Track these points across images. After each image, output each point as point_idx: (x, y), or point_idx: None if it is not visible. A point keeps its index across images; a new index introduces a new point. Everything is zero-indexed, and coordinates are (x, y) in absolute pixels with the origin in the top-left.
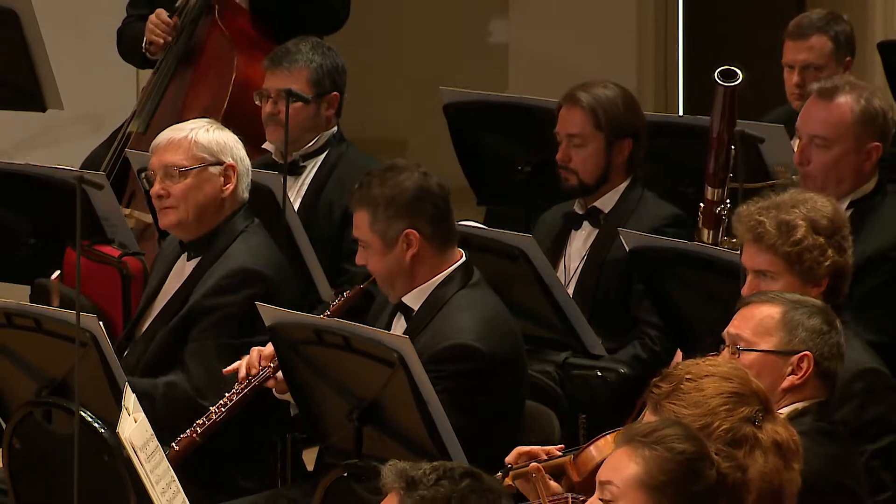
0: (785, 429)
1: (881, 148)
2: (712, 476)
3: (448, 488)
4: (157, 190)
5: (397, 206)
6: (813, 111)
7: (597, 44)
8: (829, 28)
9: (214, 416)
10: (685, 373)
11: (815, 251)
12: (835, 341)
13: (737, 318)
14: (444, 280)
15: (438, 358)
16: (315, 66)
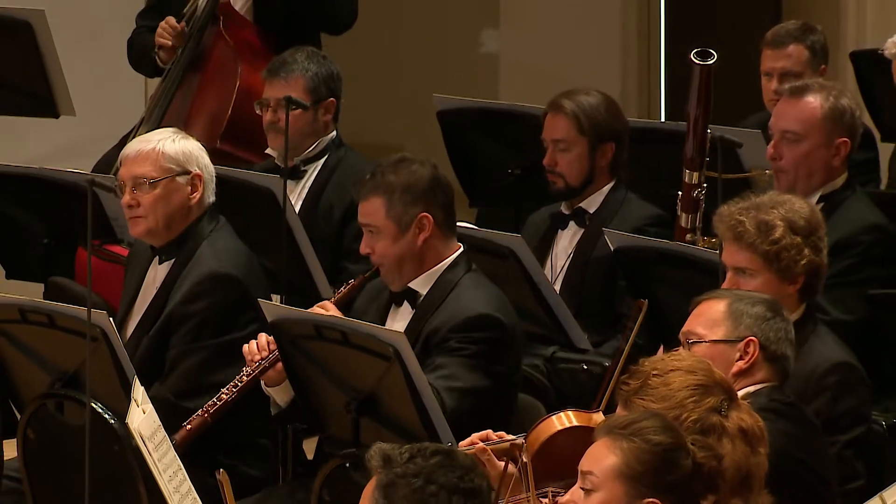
0: (750, 415)
1: (849, 144)
2: (688, 465)
3: (420, 465)
4: (128, 200)
5: (414, 192)
6: (784, 108)
7: (583, 54)
8: (805, 37)
9: (226, 398)
10: (651, 369)
11: (792, 250)
12: (780, 326)
13: (689, 318)
14: (451, 265)
15: (465, 326)
16: (311, 74)
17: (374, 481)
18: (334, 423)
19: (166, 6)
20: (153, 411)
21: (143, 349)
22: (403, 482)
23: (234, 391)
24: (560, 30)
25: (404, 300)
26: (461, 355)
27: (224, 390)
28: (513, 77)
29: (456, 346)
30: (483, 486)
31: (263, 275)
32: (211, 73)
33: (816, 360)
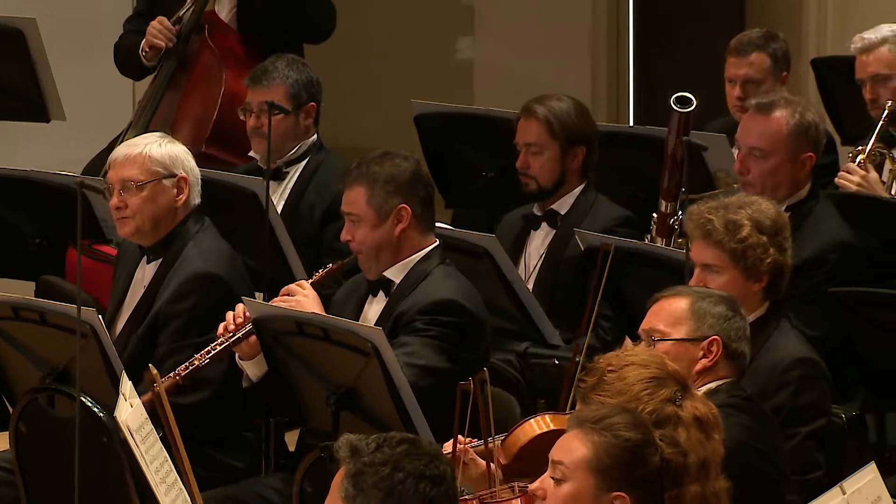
0: (703, 404)
1: (814, 158)
2: (655, 461)
3: (386, 453)
4: (116, 202)
5: (395, 183)
6: (751, 125)
7: (554, 61)
8: (767, 45)
9: (198, 363)
10: (606, 365)
11: (758, 249)
12: (739, 325)
13: (649, 315)
14: (425, 257)
15: (432, 309)
16: (292, 80)
17: (343, 471)
18: (315, 417)
19: (154, 12)
20: (140, 405)
21: (132, 346)
22: (371, 470)
23: (206, 357)
24: (532, 38)
25: (379, 290)
26: (425, 335)
27: (197, 355)
28: (487, 83)
29: (421, 327)
30: (448, 472)
31: (247, 273)
32: (196, 79)
33: (779, 356)
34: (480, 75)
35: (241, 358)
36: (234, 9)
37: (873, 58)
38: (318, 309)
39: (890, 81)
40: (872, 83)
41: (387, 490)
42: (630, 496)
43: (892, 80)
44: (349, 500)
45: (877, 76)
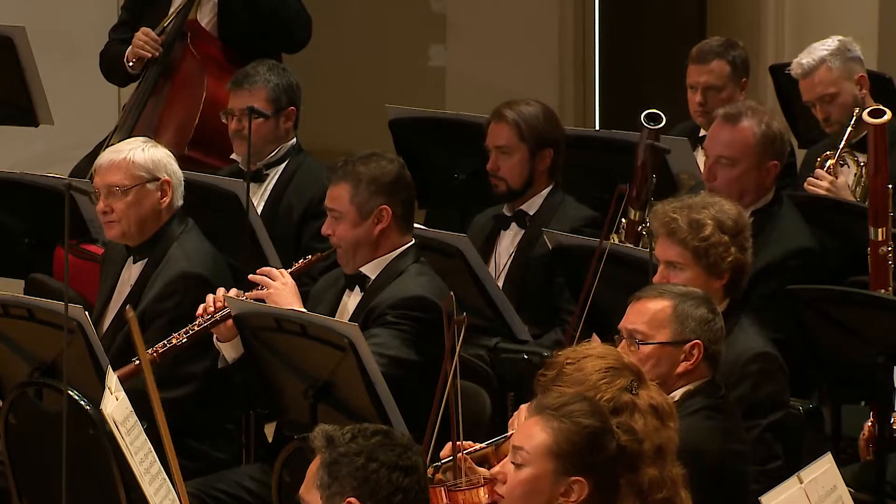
0: (659, 394)
1: (779, 166)
2: (613, 448)
3: (361, 444)
4: (102, 207)
5: (379, 184)
6: (719, 134)
7: (523, 67)
8: (727, 53)
9: (176, 342)
10: (565, 358)
11: (720, 247)
12: (718, 326)
13: (631, 314)
14: (401, 254)
15: (403, 304)
16: (272, 85)
17: (319, 460)
18: (294, 409)
19: (138, 22)
20: (125, 398)
21: (119, 343)
22: (347, 461)
23: (184, 337)
24: (502, 45)
25: (356, 284)
26: (395, 329)
27: (175, 335)
28: (458, 88)
29: (392, 321)
30: (419, 462)
31: (229, 272)
32: (179, 84)
33: (740, 350)
34: (452, 81)
35: (219, 339)
36: (215, 17)
37: (816, 80)
38: (295, 297)
39: (837, 98)
40: (821, 104)
41: (361, 479)
42: (587, 480)
43: (839, 97)
44: (324, 489)
45: (823, 97)
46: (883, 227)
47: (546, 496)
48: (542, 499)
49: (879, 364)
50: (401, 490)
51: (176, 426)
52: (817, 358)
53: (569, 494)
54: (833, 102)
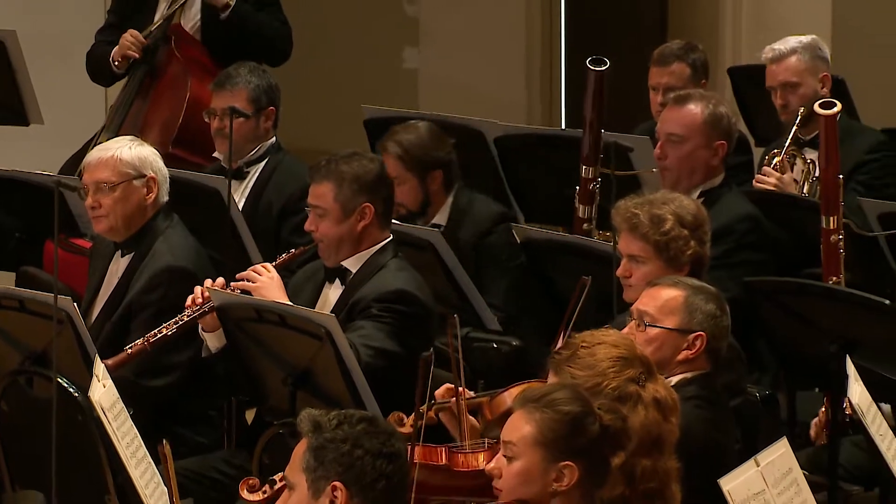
0: (665, 389)
1: (726, 146)
2: (595, 429)
3: (347, 431)
4: (90, 203)
5: (361, 183)
6: (669, 114)
7: (492, 69)
8: (687, 56)
9: (166, 332)
10: (581, 341)
11: (680, 241)
12: (725, 324)
13: (644, 297)
14: (381, 250)
15: (386, 297)
16: (253, 86)
17: (305, 444)
18: (273, 396)
19: (125, 25)
20: (112, 386)
21: (107, 333)
22: (332, 446)
23: (173, 327)
24: (472, 48)
25: (336, 277)
26: (380, 321)
27: (165, 325)
28: (431, 89)
29: (376, 314)
30: (402, 449)
31: (211, 266)
32: (164, 86)
33: None
34: (424, 82)
35: (204, 329)
36: (199, 22)
37: (783, 67)
38: (281, 291)
39: (799, 88)
40: (782, 90)
41: (346, 465)
42: (576, 464)
43: (801, 88)
44: (310, 472)
45: (786, 84)
46: (834, 215)
47: (539, 484)
48: (535, 487)
49: (833, 353)
50: (384, 476)
51: (161, 412)
52: (774, 347)
53: (561, 479)
54: (794, 92)
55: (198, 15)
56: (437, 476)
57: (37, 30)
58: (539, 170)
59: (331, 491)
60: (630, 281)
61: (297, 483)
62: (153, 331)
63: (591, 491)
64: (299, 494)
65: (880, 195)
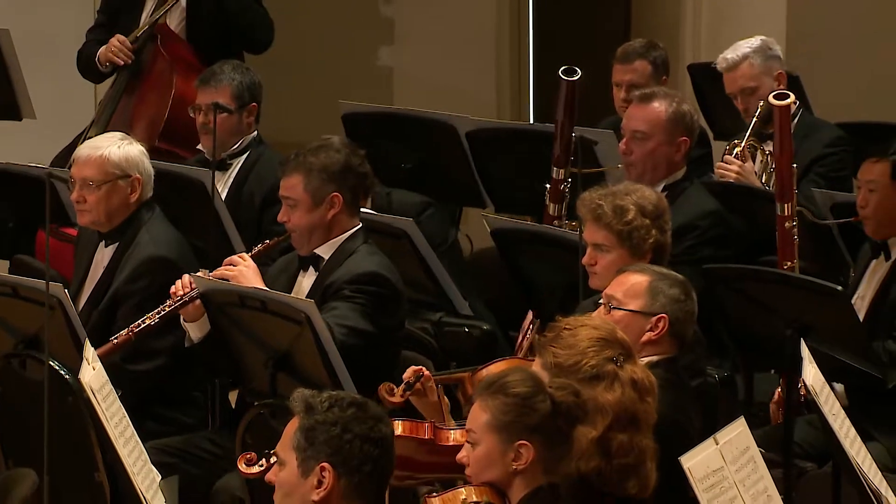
0: (643, 371)
1: (689, 142)
2: (546, 407)
3: (337, 414)
4: (76, 196)
5: (329, 172)
6: (634, 112)
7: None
8: (648, 54)
9: (150, 322)
10: (565, 324)
11: (642, 230)
12: (689, 308)
13: (614, 282)
14: (351, 236)
15: (358, 279)
16: (236, 83)
17: (297, 423)
18: (255, 378)
19: (113, 24)
20: (101, 368)
21: (94, 321)
22: (323, 428)
23: (157, 317)
24: (445, 47)
25: (310, 265)
26: (353, 302)
27: (148, 315)
28: (405, 86)
29: (349, 295)
30: (389, 433)
31: (193, 254)
32: (151, 82)
33: None
34: (399, 79)
35: (186, 320)
36: (184, 21)
37: (738, 74)
38: (258, 277)
39: (757, 91)
40: (742, 96)
41: (335, 447)
42: (532, 441)
43: (759, 90)
44: (300, 451)
45: (744, 89)
46: (788, 202)
47: (501, 465)
48: (498, 469)
49: (788, 336)
50: (370, 460)
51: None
52: (731, 330)
53: (519, 458)
54: (753, 95)
55: (183, 14)
56: (422, 450)
57: (29, 29)
58: (508, 162)
59: (319, 471)
60: (595, 268)
61: (287, 460)
62: (137, 321)
63: (552, 465)
64: (289, 471)
65: (838, 187)
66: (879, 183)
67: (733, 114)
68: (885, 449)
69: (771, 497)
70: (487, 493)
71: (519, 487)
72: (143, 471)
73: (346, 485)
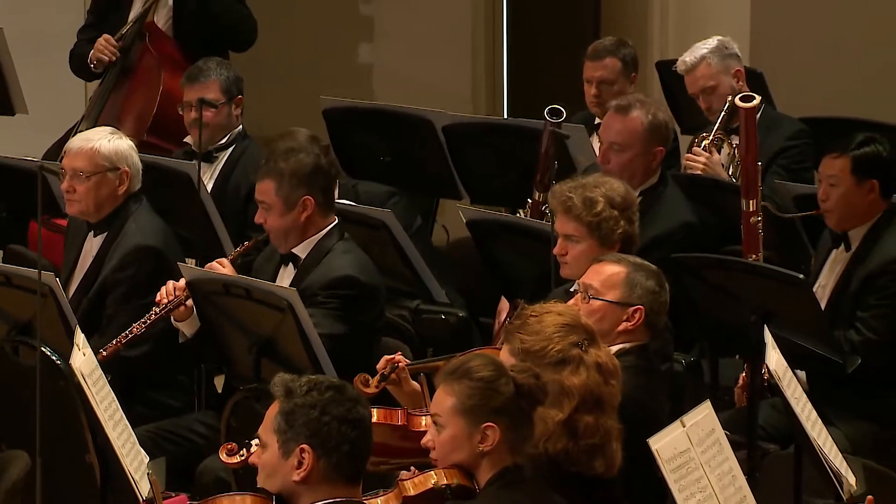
0: (607, 355)
1: (664, 151)
2: (510, 389)
3: (315, 398)
4: (66, 186)
5: (299, 176)
6: (611, 123)
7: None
8: (618, 51)
9: (136, 331)
10: (531, 311)
11: (610, 221)
12: (663, 299)
13: (590, 272)
14: (326, 234)
15: (331, 284)
16: (223, 77)
17: (277, 407)
18: (240, 363)
19: (102, 24)
20: (92, 354)
21: (84, 308)
22: (302, 412)
23: (143, 326)
24: (422, 45)
25: (289, 262)
26: (325, 308)
27: (135, 325)
28: (384, 82)
29: (322, 300)
30: (366, 415)
31: (178, 244)
32: (139, 78)
33: None
34: (378, 76)
35: (177, 320)
36: (171, 19)
37: (698, 75)
38: None
39: (717, 90)
40: (703, 95)
41: (314, 430)
42: (497, 423)
43: (718, 88)
44: (280, 434)
45: (705, 89)
46: (753, 198)
47: (468, 448)
48: (465, 451)
49: (752, 323)
50: (348, 441)
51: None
52: (698, 317)
53: (485, 440)
54: (714, 94)
55: (170, 13)
56: (396, 436)
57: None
58: (483, 156)
59: (299, 453)
60: (566, 258)
61: (268, 442)
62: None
63: (517, 446)
64: (270, 453)
65: (800, 178)
66: (840, 178)
67: (700, 109)
68: (843, 434)
69: (735, 477)
70: (457, 475)
71: (486, 468)
72: (131, 452)
73: (325, 465)
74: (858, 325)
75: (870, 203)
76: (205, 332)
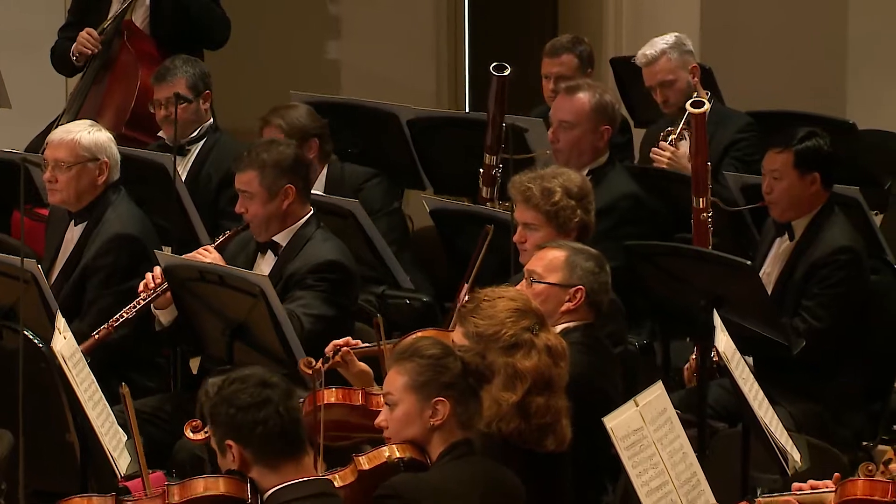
0: (556, 338)
1: (611, 130)
2: (457, 366)
3: (223, 395)
4: (48, 177)
5: (281, 167)
6: (561, 103)
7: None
8: (575, 48)
9: (126, 315)
10: (483, 296)
11: (567, 210)
12: (604, 280)
13: (534, 258)
14: (305, 223)
15: (320, 269)
16: (190, 74)
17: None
18: (213, 346)
19: (82, 23)
20: (72, 338)
21: (65, 293)
22: (217, 411)
23: (131, 311)
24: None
25: (268, 249)
26: (315, 290)
27: (125, 310)
28: (351, 78)
29: (311, 284)
30: (272, 395)
31: (155, 232)
32: (117, 74)
33: None
34: (346, 72)
35: (156, 308)
36: (148, 18)
37: (657, 69)
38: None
39: (675, 84)
40: (661, 88)
41: (230, 425)
42: (447, 398)
43: (676, 83)
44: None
45: (663, 82)
46: (703, 196)
47: (420, 423)
48: (417, 427)
49: (702, 307)
50: (259, 423)
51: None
52: (650, 302)
53: (436, 415)
54: (671, 88)
55: (147, 12)
56: (355, 414)
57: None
58: (446, 148)
59: (228, 449)
60: (525, 246)
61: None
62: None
63: (466, 421)
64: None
65: (751, 169)
66: (783, 171)
67: (652, 103)
68: (788, 413)
69: (686, 454)
70: (409, 449)
71: (437, 442)
72: (110, 431)
73: (251, 452)
74: (803, 314)
75: (812, 195)
76: (181, 316)
